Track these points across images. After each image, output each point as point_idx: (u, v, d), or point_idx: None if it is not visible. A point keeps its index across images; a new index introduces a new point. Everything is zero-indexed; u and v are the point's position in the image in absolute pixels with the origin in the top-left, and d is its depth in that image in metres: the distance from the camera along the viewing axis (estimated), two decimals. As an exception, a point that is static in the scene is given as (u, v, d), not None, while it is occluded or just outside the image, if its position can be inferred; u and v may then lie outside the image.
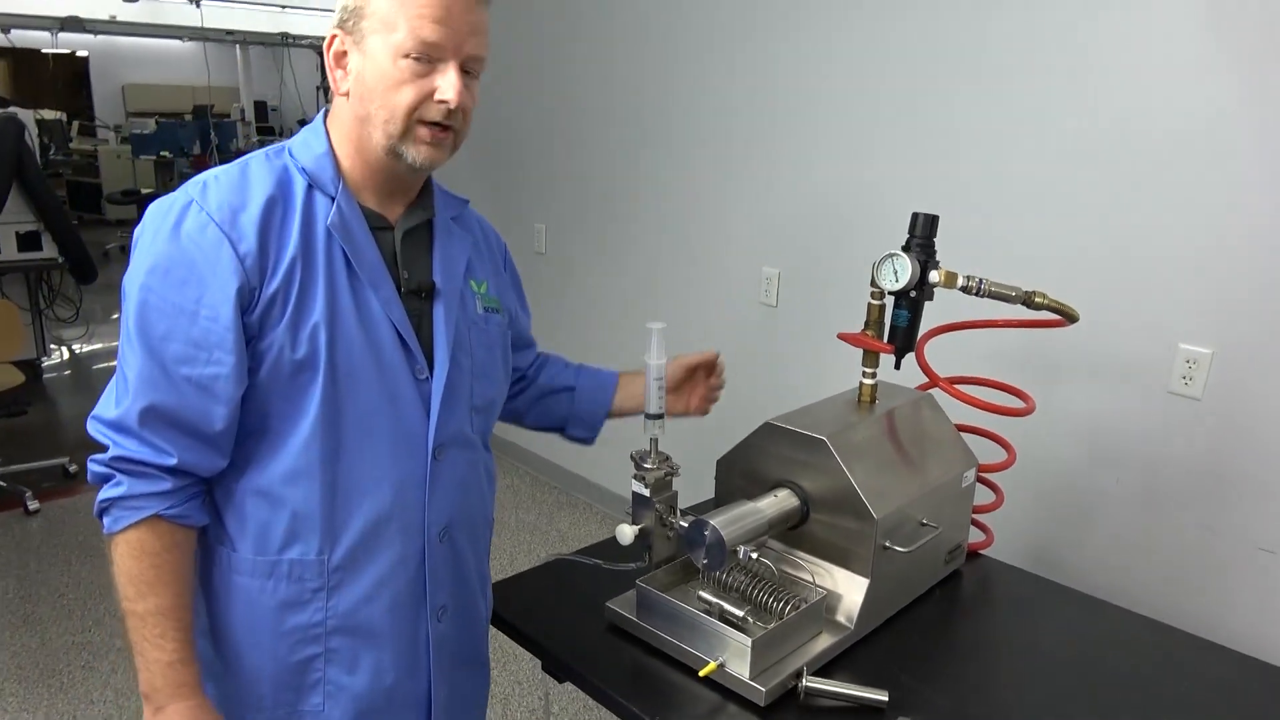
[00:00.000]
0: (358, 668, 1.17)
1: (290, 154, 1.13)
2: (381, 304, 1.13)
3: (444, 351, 1.18)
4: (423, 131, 1.09)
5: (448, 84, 1.08)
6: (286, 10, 8.94)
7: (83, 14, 8.15)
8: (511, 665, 2.71)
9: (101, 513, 1.07)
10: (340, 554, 1.13)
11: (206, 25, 8.34)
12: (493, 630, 1.42)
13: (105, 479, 1.06)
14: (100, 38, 10.09)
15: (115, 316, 6.65)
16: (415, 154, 1.10)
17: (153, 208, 1.08)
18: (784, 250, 2.84)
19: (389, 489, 1.15)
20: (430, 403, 1.17)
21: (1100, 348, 2.16)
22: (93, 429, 1.08)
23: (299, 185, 1.10)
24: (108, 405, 1.07)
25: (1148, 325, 2.08)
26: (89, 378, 5.49)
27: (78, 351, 5.80)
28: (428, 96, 1.08)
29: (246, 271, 1.04)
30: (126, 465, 1.05)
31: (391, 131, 1.08)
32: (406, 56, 1.06)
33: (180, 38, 10.55)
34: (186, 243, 1.03)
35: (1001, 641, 1.48)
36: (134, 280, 1.05)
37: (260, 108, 10.98)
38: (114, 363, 1.09)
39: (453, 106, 1.08)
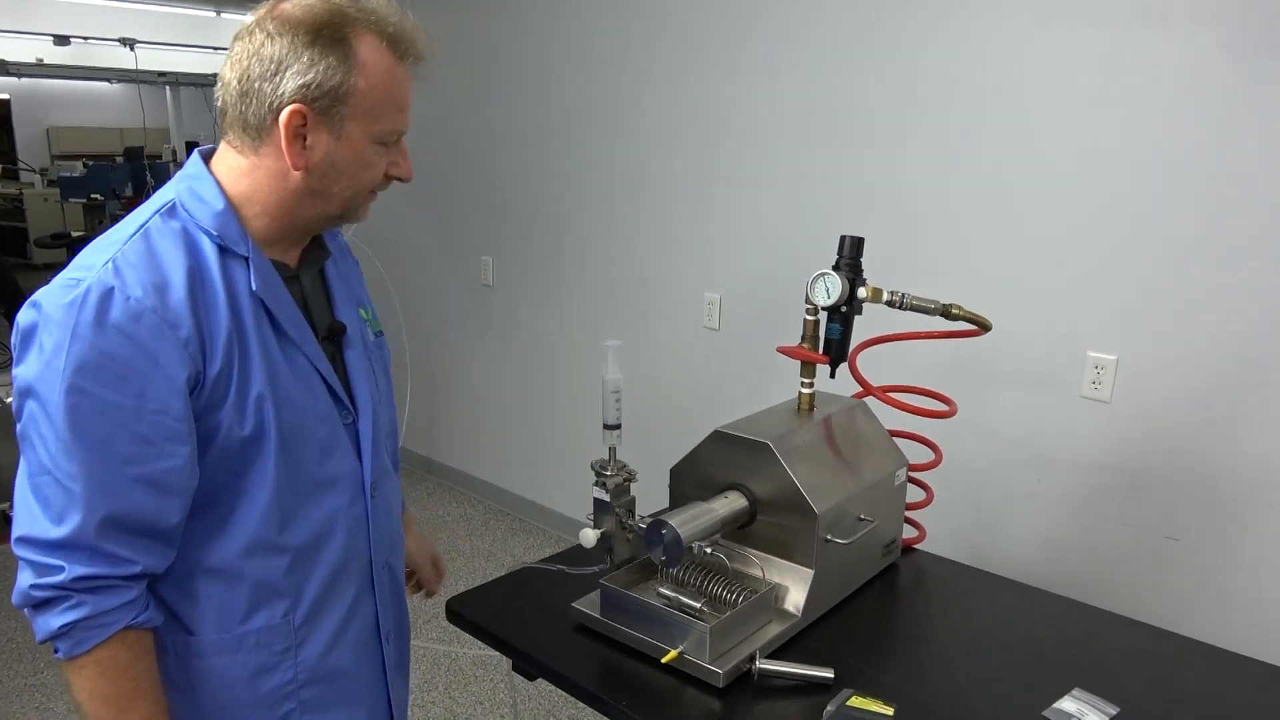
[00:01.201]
0: (330, 710, 1.19)
1: (184, 209, 1.06)
2: (309, 358, 1.12)
3: (365, 393, 1.20)
4: (370, 196, 1.14)
5: (407, 162, 1.13)
6: (220, 52, 8.91)
7: (8, 57, 8.03)
8: (473, 686, 2.77)
9: (54, 637, 0.98)
10: (303, 611, 1.14)
11: (138, 68, 8.28)
12: (451, 654, 1.48)
13: (49, 602, 0.97)
14: (23, 80, 9.92)
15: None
16: (362, 214, 1.14)
17: (52, 300, 0.97)
18: (724, 275, 2.99)
19: (341, 538, 1.17)
20: (361, 444, 1.19)
21: (1018, 357, 2.33)
22: (26, 552, 0.97)
23: (208, 248, 1.04)
24: (39, 524, 0.97)
25: (1059, 334, 2.27)
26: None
27: (6, 400, 5.67)
28: (384, 171, 1.12)
29: (191, 357, 0.99)
30: (87, 584, 0.97)
31: (351, 206, 1.11)
32: (381, 142, 1.08)
33: (109, 80, 10.42)
34: (116, 335, 0.95)
35: (936, 623, 1.61)
36: (54, 383, 0.95)
37: (191, 148, 10.86)
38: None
39: (409, 180, 1.14)
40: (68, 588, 0.97)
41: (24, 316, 0.99)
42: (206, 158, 1.11)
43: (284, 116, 1.02)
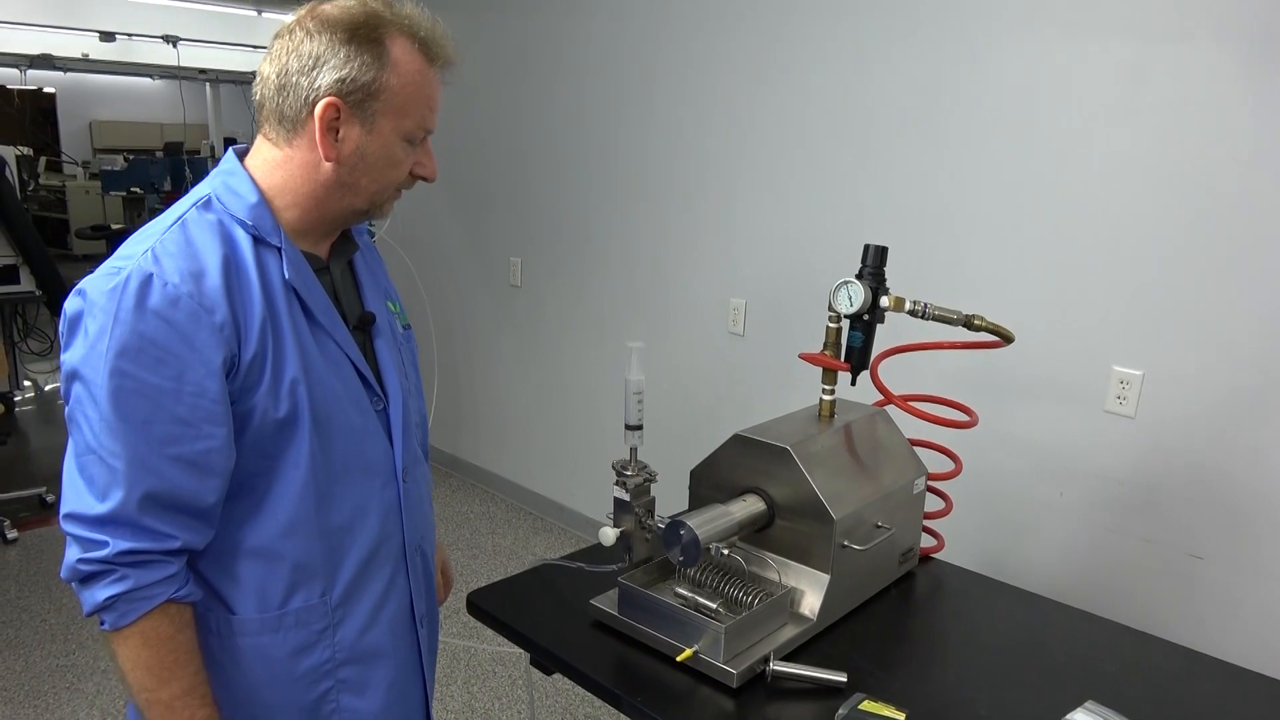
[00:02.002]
0: (368, 690, 1.23)
1: (219, 202, 1.10)
2: (340, 345, 1.16)
3: (394, 380, 1.24)
4: (395, 193, 1.18)
5: (433, 162, 1.18)
6: (260, 50, 9.06)
7: (55, 52, 8.20)
8: (491, 681, 2.80)
9: (100, 610, 1.03)
10: (339, 591, 1.18)
11: (179, 64, 8.43)
12: (471, 649, 1.50)
13: (95, 576, 1.02)
14: (69, 75, 10.14)
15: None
16: (385, 211, 1.19)
17: (96, 287, 1.01)
18: (751, 281, 3.01)
19: (375, 521, 1.21)
20: (391, 430, 1.23)
21: (1042, 370, 2.33)
22: (73, 528, 1.02)
23: (242, 239, 1.09)
24: (85, 500, 1.01)
25: (1084, 348, 2.26)
26: (57, 412, 5.50)
27: (45, 388, 5.80)
28: (409, 170, 1.17)
29: (226, 341, 1.03)
30: (130, 558, 1.02)
31: (377, 201, 1.16)
32: (409, 140, 1.13)
33: (151, 75, 10.61)
34: (156, 319, 1.00)
35: (949, 631, 1.62)
36: (98, 366, 0.99)
37: (229, 144, 11.03)
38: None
39: (434, 181, 1.19)
40: (112, 562, 1.01)
41: (71, 304, 1.03)
42: (241, 155, 1.16)
43: (319, 109, 1.07)
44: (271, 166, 1.13)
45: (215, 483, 1.06)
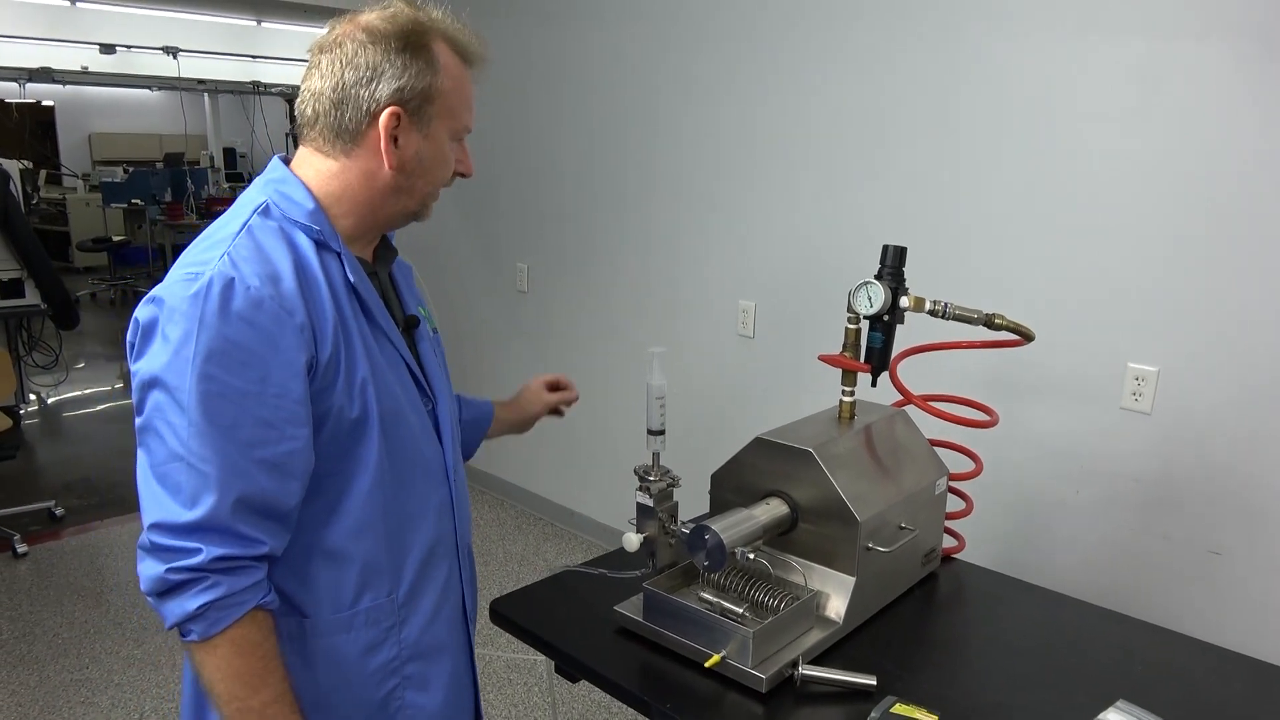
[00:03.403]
0: (430, 685, 1.25)
1: (277, 209, 1.11)
2: (396, 347, 1.18)
3: (440, 380, 1.27)
4: (437, 193, 1.21)
5: (469, 159, 1.22)
6: (257, 60, 9.07)
7: (55, 65, 8.21)
8: (507, 689, 2.79)
9: (189, 619, 1.01)
10: (404, 589, 1.20)
11: (179, 75, 8.44)
12: (486, 657, 1.50)
13: (184, 584, 1.00)
14: (67, 87, 10.15)
15: (81, 366, 6.64)
16: (428, 212, 1.22)
17: (174, 294, 1.01)
18: (760, 284, 3.00)
19: (432, 519, 1.23)
20: (441, 430, 1.25)
21: (1058, 368, 2.32)
22: (161, 538, 0.99)
23: (304, 243, 1.10)
24: (171, 509, 1.00)
25: (1099, 346, 2.26)
26: (62, 425, 5.49)
27: (49, 401, 5.79)
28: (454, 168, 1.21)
29: (306, 343, 1.04)
30: (223, 564, 1.00)
31: (426, 202, 1.19)
32: (455, 139, 1.18)
33: (150, 87, 10.64)
34: (240, 323, 1.00)
35: (974, 632, 1.61)
36: (184, 372, 0.99)
37: (229, 154, 11.07)
38: (94, 409, 0.99)
39: (471, 176, 1.23)
40: (205, 569, 1.00)
41: (143, 312, 1.03)
42: (285, 163, 1.17)
43: (384, 119, 1.09)
44: (326, 177, 1.14)
45: (296, 485, 1.06)
